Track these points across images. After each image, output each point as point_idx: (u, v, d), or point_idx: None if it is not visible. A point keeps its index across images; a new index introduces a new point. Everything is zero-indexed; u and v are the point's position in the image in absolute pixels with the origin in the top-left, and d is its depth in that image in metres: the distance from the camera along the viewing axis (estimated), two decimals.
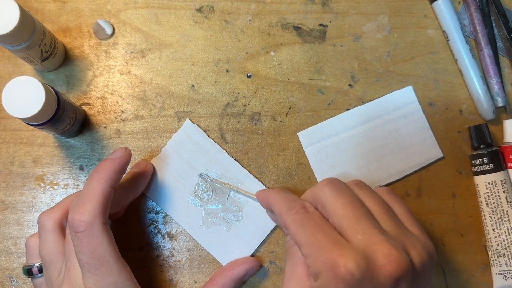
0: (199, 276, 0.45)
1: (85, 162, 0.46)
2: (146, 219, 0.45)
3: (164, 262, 0.45)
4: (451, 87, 0.48)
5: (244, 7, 0.49)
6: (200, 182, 0.46)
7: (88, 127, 0.47)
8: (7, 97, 0.36)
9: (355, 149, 0.47)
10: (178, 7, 0.48)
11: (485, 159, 0.44)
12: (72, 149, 0.46)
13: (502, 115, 0.48)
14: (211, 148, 0.46)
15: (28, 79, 0.37)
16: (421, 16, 0.49)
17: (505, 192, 0.44)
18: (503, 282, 0.44)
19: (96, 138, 0.46)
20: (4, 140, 0.46)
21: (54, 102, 0.38)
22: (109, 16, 0.48)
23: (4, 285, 0.45)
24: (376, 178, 0.46)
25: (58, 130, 0.42)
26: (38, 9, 0.47)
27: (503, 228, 0.44)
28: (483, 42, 0.48)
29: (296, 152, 0.47)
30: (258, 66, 0.48)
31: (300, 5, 0.49)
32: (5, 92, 0.36)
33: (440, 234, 0.46)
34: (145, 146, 0.46)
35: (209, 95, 0.47)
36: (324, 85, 0.48)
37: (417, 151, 0.47)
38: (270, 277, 0.45)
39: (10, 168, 0.46)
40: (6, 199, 0.45)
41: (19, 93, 0.37)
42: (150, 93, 0.47)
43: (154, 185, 0.45)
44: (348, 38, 0.49)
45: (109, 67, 0.47)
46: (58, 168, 0.46)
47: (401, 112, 0.47)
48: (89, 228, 0.34)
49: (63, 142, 0.46)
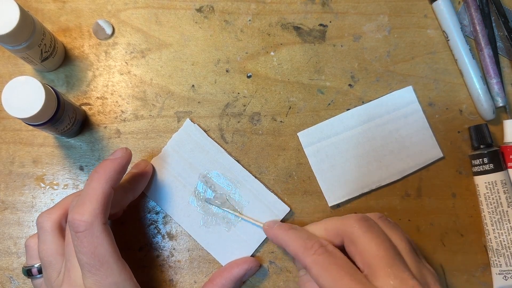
0: (199, 276, 0.45)
1: (85, 162, 0.46)
2: (146, 219, 0.45)
3: (164, 262, 0.45)
4: (451, 87, 0.48)
5: (244, 7, 0.49)
6: (200, 181, 0.46)
7: (88, 127, 0.46)
8: (7, 97, 0.36)
9: (355, 149, 0.47)
10: (178, 7, 0.48)
11: (485, 159, 0.44)
12: (72, 149, 0.46)
13: (502, 115, 0.48)
14: (211, 148, 0.46)
15: (28, 79, 0.37)
16: (421, 16, 0.49)
17: (505, 192, 0.44)
18: (503, 282, 0.44)
19: (96, 138, 0.46)
20: (4, 140, 0.46)
21: (54, 102, 0.38)
22: (109, 16, 0.48)
23: (4, 285, 0.45)
24: (376, 178, 0.46)
25: (58, 130, 0.42)
26: (38, 9, 0.47)
27: (503, 228, 0.44)
28: (483, 42, 0.48)
29: (296, 152, 0.47)
30: (258, 66, 0.48)
31: (300, 5, 0.49)
32: (5, 92, 0.36)
33: (440, 234, 0.46)
34: (145, 146, 0.46)
35: (209, 95, 0.47)
36: (324, 85, 0.48)
37: (417, 151, 0.47)
38: (270, 277, 0.45)
39: (10, 168, 0.46)
40: (6, 199, 0.45)
41: (19, 93, 0.36)
42: (150, 93, 0.47)
43: (154, 185, 0.45)
44: (348, 38, 0.49)
45: (109, 67, 0.47)
46: (58, 168, 0.46)
47: (401, 112, 0.47)
48: (89, 228, 0.34)
49: (63, 142, 0.46)
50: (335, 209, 0.46)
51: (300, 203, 0.46)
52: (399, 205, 0.46)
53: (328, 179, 0.46)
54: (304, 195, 0.46)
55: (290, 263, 0.45)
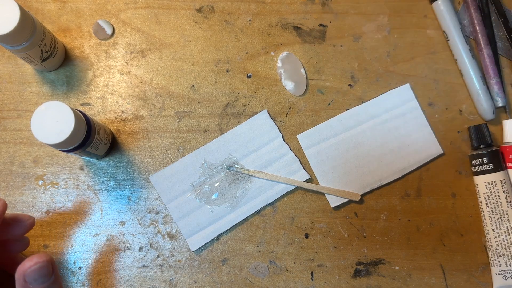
0: (199, 276, 0.45)
1: (85, 162, 0.46)
2: (146, 219, 0.45)
3: (164, 262, 0.45)
4: (451, 87, 0.48)
5: (244, 7, 0.49)
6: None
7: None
8: (36, 123, 0.36)
9: (355, 149, 0.47)
10: (178, 7, 0.48)
11: (485, 159, 0.44)
12: None
13: (502, 115, 0.48)
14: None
15: (58, 105, 0.36)
16: (421, 16, 0.49)
17: (504, 192, 0.44)
18: (503, 282, 0.44)
19: None
20: (4, 140, 0.46)
21: (83, 126, 0.38)
22: (109, 16, 0.48)
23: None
24: (377, 177, 0.46)
25: (91, 155, 0.42)
26: (38, 9, 0.47)
27: (502, 228, 0.44)
28: (483, 42, 0.48)
29: (296, 153, 0.47)
30: (258, 66, 0.48)
31: (300, 5, 0.49)
32: (34, 117, 0.36)
33: (440, 234, 0.46)
34: (145, 146, 0.46)
35: (209, 95, 0.47)
36: (324, 85, 0.48)
37: (417, 149, 0.47)
38: (270, 277, 0.45)
39: (10, 168, 0.46)
40: (6, 199, 0.45)
41: (48, 118, 0.36)
42: (150, 93, 0.47)
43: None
44: (348, 38, 0.49)
45: (109, 67, 0.47)
46: (58, 168, 0.46)
47: (400, 110, 0.47)
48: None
49: None
50: (336, 210, 0.46)
51: (300, 203, 0.46)
52: (399, 205, 0.47)
53: (330, 181, 0.46)
54: (304, 195, 0.46)
55: (290, 263, 0.45)
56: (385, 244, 0.46)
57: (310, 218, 0.46)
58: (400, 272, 0.46)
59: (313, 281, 0.45)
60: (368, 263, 0.46)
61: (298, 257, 0.45)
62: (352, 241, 0.46)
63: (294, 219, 0.46)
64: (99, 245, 0.45)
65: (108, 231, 0.45)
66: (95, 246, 0.45)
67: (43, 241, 0.45)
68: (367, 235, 0.46)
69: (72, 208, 0.45)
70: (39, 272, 0.31)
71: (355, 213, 0.46)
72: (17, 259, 0.40)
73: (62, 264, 0.44)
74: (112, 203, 0.45)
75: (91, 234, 0.45)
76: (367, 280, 0.45)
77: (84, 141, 0.39)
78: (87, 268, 0.44)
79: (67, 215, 0.45)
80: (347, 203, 0.46)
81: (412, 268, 0.46)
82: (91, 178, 0.46)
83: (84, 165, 0.46)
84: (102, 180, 0.46)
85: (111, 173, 0.46)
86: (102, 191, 0.46)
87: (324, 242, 0.46)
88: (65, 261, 0.44)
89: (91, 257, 0.45)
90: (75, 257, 0.45)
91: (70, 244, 0.45)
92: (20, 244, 0.39)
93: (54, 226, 0.45)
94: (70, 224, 0.45)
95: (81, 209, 0.45)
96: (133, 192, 0.46)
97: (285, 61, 0.47)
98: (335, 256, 0.46)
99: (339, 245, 0.46)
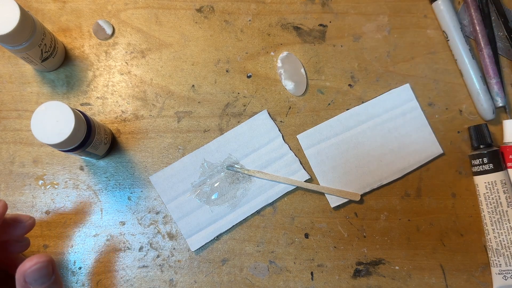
0: (199, 276, 0.45)
1: (85, 162, 0.46)
2: (146, 219, 0.45)
3: (164, 262, 0.45)
4: (451, 87, 0.48)
5: (244, 7, 0.49)
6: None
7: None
8: (36, 123, 0.36)
9: (355, 149, 0.47)
10: (178, 7, 0.48)
11: (485, 159, 0.44)
12: None
13: (502, 115, 0.48)
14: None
15: (58, 104, 0.36)
16: (421, 16, 0.49)
17: (504, 192, 0.44)
18: (503, 282, 0.44)
19: None
20: (4, 140, 0.46)
21: (84, 127, 0.38)
22: (109, 16, 0.48)
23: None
24: (377, 177, 0.46)
25: (91, 155, 0.42)
26: (38, 9, 0.47)
27: (502, 228, 0.44)
28: (483, 42, 0.48)
29: (296, 153, 0.47)
30: (258, 66, 0.48)
31: (300, 5, 0.49)
32: (34, 117, 0.36)
33: (440, 234, 0.46)
34: (145, 146, 0.46)
35: (209, 95, 0.47)
36: (324, 85, 0.48)
37: (417, 149, 0.47)
38: (270, 277, 0.45)
39: (10, 168, 0.46)
40: (6, 199, 0.45)
41: (48, 119, 0.36)
42: (150, 93, 0.47)
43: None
44: (348, 38, 0.49)
45: (109, 67, 0.47)
46: (58, 168, 0.46)
47: (400, 110, 0.47)
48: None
49: None
50: (336, 210, 0.46)
51: (300, 203, 0.46)
52: (399, 205, 0.47)
53: (330, 181, 0.46)
54: (304, 195, 0.46)
55: (290, 263, 0.45)
56: (385, 244, 0.46)
57: (310, 218, 0.46)
58: (400, 272, 0.46)
59: (313, 281, 0.45)
60: (368, 263, 0.46)
61: (298, 257, 0.45)
62: (352, 241, 0.46)
63: (294, 219, 0.46)
64: (99, 245, 0.45)
65: (108, 231, 0.45)
66: (95, 246, 0.45)
67: (43, 241, 0.45)
68: (367, 235, 0.46)
69: (72, 208, 0.45)
70: (39, 272, 0.31)
71: (355, 213, 0.46)
72: (17, 259, 0.40)
73: (62, 264, 0.44)
74: (112, 203, 0.45)
75: (91, 234, 0.45)
76: (367, 280, 0.45)
77: (84, 141, 0.38)
78: (87, 268, 0.44)
79: (67, 215, 0.45)
80: (347, 203, 0.46)
81: (412, 268, 0.46)
82: (91, 178, 0.46)
83: (84, 165, 0.46)
84: (102, 180, 0.46)
85: (111, 173, 0.46)
86: (102, 191, 0.46)
87: (324, 242, 0.46)
88: (65, 261, 0.44)
89: (91, 257, 0.45)
90: (75, 257, 0.45)
91: (70, 244, 0.45)
92: (21, 244, 0.39)
93: (54, 226, 0.45)
94: (70, 224, 0.45)
95: (81, 209, 0.45)
96: (133, 192, 0.46)
97: (285, 61, 0.47)
98: (335, 256, 0.46)
99: (339, 245, 0.46)
